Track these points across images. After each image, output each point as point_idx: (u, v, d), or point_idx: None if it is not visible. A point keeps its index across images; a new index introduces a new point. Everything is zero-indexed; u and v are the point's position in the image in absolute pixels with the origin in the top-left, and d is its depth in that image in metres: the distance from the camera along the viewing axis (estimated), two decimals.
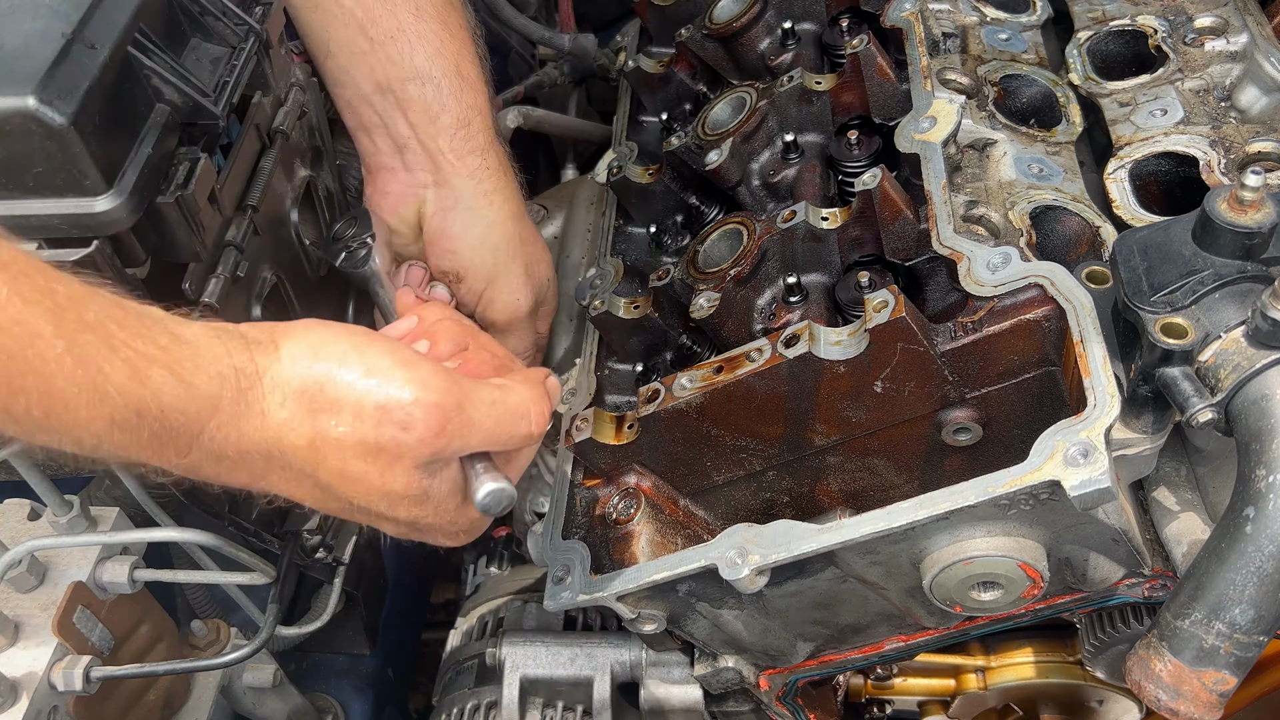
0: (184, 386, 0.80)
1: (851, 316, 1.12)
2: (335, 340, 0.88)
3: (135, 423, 0.78)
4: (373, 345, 0.89)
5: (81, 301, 0.76)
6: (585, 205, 1.73)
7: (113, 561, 1.24)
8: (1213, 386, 0.88)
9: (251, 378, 0.84)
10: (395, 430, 0.86)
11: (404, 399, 0.86)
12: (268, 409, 0.85)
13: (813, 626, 1.21)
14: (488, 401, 0.92)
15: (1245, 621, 0.86)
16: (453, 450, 0.90)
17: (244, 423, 0.84)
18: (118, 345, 0.77)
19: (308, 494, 0.92)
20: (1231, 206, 0.89)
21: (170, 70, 1.04)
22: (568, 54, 2.05)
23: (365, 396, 0.86)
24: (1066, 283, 0.98)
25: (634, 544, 1.15)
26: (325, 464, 0.88)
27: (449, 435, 0.88)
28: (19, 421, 0.75)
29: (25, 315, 0.72)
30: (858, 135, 1.24)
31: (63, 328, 0.74)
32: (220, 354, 0.83)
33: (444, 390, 0.88)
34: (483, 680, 1.50)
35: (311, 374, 0.86)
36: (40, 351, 0.73)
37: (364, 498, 0.91)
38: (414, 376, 0.87)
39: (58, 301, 0.74)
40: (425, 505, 0.93)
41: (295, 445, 0.86)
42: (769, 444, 1.13)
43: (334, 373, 0.86)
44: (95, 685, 1.16)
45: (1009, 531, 1.00)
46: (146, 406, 0.78)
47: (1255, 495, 0.85)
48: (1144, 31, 1.26)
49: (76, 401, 0.75)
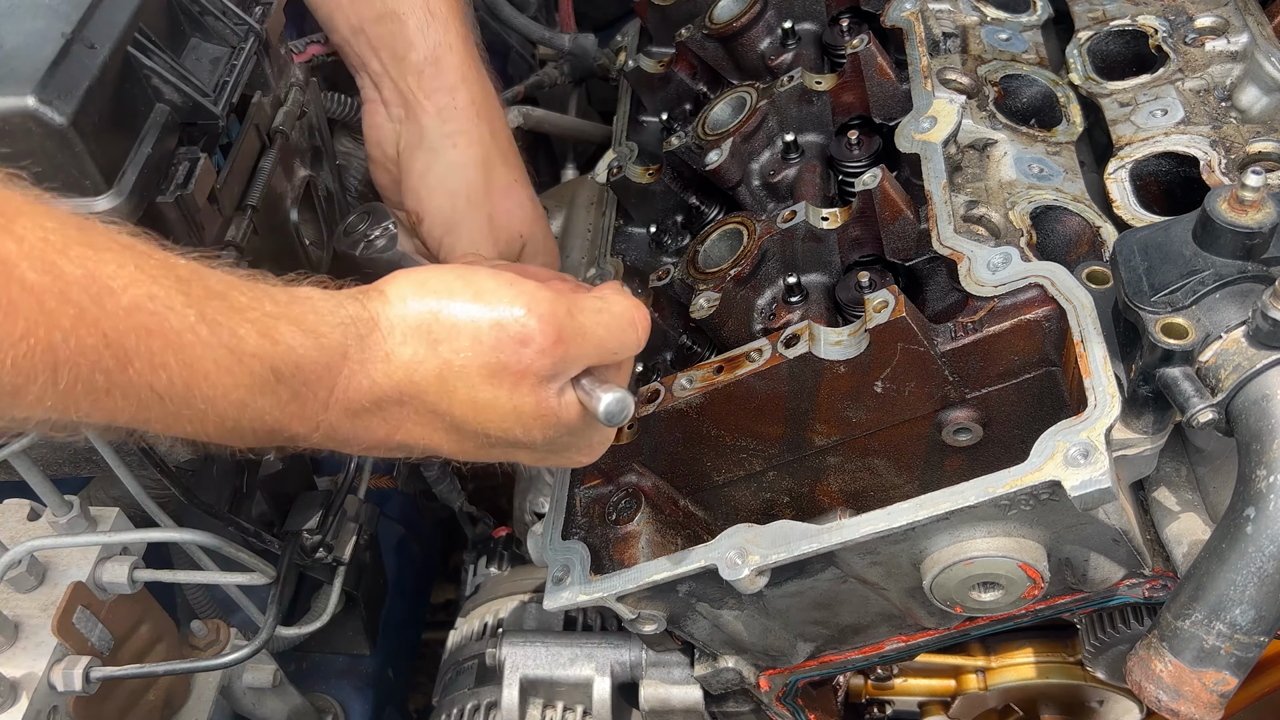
0: (313, 338, 0.81)
1: (851, 316, 1.12)
2: (438, 273, 0.90)
3: (274, 383, 0.79)
4: (476, 271, 0.90)
5: (201, 274, 0.78)
6: (585, 205, 1.73)
7: (112, 562, 1.24)
8: (1213, 387, 0.88)
9: (368, 323, 0.85)
10: (514, 346, 0.87)
11: (518, 314, 0.87)
12: (391, 350, 0.85)
13: (813, 627, 1.21)
14: (594, 310, 0.92)
15: (1246, 622, 0.86)
16: (571, 359, 0.90)
17: (372, 368, 0.85)
18: (244, 308, 0.78)
19: (444, 438, 0.92)
20: (1232, 206, 0.89)
21: (170, 70, 1.04)
22: (568, 54, 2.05)
23: (480, 318, 0.87)
24: (1067, 283, 0.98)
25: (634, 544, 1.15)
26: (456, 396, 0.88)
27: (565, 343, 0.89)
28: (164, 398, 0.75)
29: (156, 291, 0.73)
30: (858, 135, 1.24)
31: (192, 298, 0.75)
32: (335, 306, 0.85)
33: (553, 300, 0.88)
34: (483, 680, 1.50)
35: (424, 307, 0.87)
36: (175, 325, 0.74)
37: (498, 425, 0.91)
38: (522, 292, 0.88)
39: (180, 275, 0.76)
40: (557, 426, 0.93)
41: (424, 381, 0.87)
42: (769, 444, 1.13)
43: (445, 302, 0.87)
44: (95, 685, 1.16)
45: (1009, 532, 0.99)
46: (282, 364, 0.79)
47: (1256, 495, 0.85)
48: (1144, 31, 1.26)
49: (216, 369, 0.76)
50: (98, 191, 0.97)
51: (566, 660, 1.42)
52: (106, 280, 0.71)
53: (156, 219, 1.05)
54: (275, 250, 1.28)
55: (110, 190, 0.97)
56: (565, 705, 1.42)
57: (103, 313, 0.70)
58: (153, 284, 0.73)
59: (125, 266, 0.72)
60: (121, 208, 0.98)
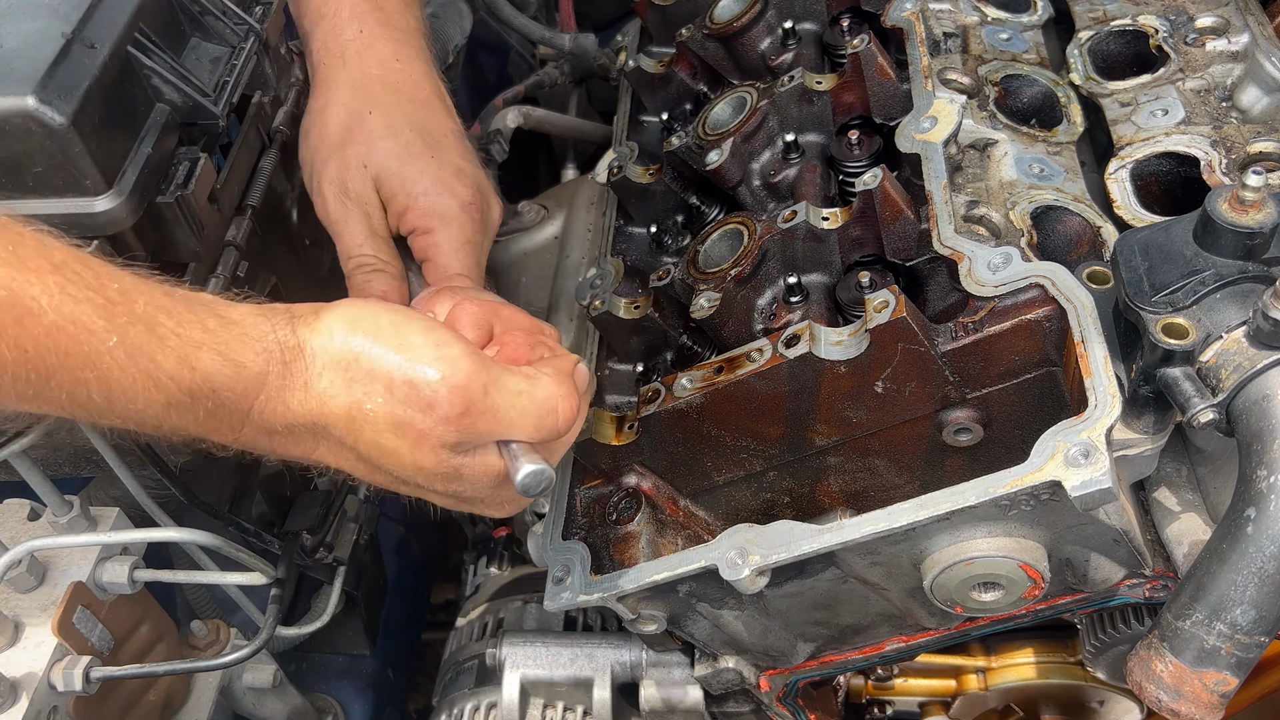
0: (232, 366, 0.84)
1: (852, 317, 1.12)
2: (374, 315, 0.90)
3: (189, 404, 0.83)
4: (410, 322, 0.90)
5: (130, 295, 0.81)
6: (585, 205, 1.73)
7: (113, 561, 1.24)
8: (1214, 387, 0.88)
9: (294, 351, 0.87)
10: (421, 407, 0.87)
11: (431, 378, 0.87)
12: (310, 380, 0.87)
13: (813, 627, 1.21)
14: (514, 390, 0.91)
15: (1246, 622, 0.86)
16: (475, 433, 0.90)
17: (289, 395, 0.87)
18: (166, 334, 0.81)
19: (353, 466, 0.94)
20: (1233, 207, 0.89)
21: (170, 70, 1.04)
22: (568, 54, 2.05)
23: (396, 371, 0.87)
24: (1067, 283, 0.98)
25: (634, 544, 1.15)
26: (362, 436, 0.89)
27: (471, 418, 0.89)
28: (84, 407, 0.81)
29: (77, 314, 0.77)
30: (858, 135, 1.24)
31: (114, 322, 0.79)
32: (266, 330, 0.86)
33: (471, 373, 0.88)
34: (483, 680, 1.50)
35: (349, 346, 0.88)
36: (95, 346, 0.78)
37: (400, 471, 0.92)
38: (444, 355, 0.88)
39: (109, 297, 0.79)
40: (460, 483, 0.94)
41: (335, 416, 0.88)
42: (769, 444, 1.13)
43: (370, 346, 0.88)
44: (95, 685, 1.16)
45: (1010, 532, 0.99)
46: (198, 388, 0.82)
47: (1256, 496, 0.84)
48: (1145, 31, 1.26)
49: (133, 389, 0.80)
50: (98, 191, 0.97)
51: (566, 660, 1.42)
52: (29, 303, 0.75)
53: (156, 219, 1.05)
54: (275, 250, 1.28)
55: (110, 190, 0.97)
56: (565, 705, 1.42)
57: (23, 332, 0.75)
58: (75, 306, 0.77)
59: (50, 289, 0.76)
60: (121, 207, 0.98)
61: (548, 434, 0.94)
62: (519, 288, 1.70)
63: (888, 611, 1.17)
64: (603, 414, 1.19)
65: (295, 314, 0.89)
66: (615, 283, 1.32)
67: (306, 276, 1.37)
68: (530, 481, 0.91)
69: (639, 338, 1.29)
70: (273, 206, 1.27)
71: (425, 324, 0.91)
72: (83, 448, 1.22)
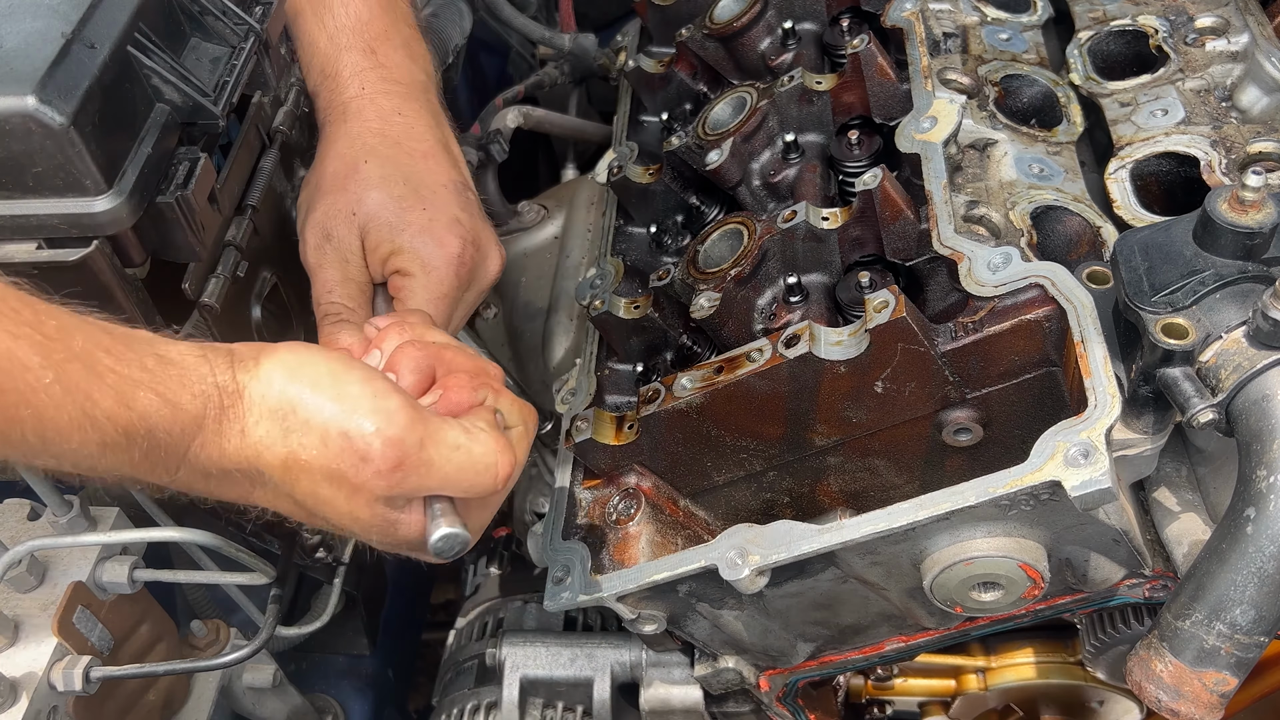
0: (169, 407, 0.82)
1: (852, 317, 1.12)
2: (313, 363, 0.89)
3: (125, 444, 0.81)
4: (349, 371, 0.89)
5: (69, 332, 0.80)
6: (585, 205, 1.73)
7: (112, 561, 1.24)
8: (1213, 387, 0.88)
9: (233, 395, 0.86)
10: (355, 460, 0.87)
11: (365, 430, 0.86)
12: (247, 426, 0.86)
13: (813, 627, 1.21)
14: (451, 445, 0.90)
15: (1246, 622, 0.86)
16: (409, 487, 0.89)
17: (225, 440, 0.86)
18: (104, 372, 0.80)
19: (291, 510, 0.93)
20: (1232, 207, 0.89)
21: (170, 70, 1.04)
22: (568, 54, 2.05)
23: (332, 422, 0.86)
24: (1067, 283, 0.98)
25: (634, 544, 1.15)
26: (298, 485, 0.89)
27: (405, 471, 0.88)
28: (17, 447, 0.79)
29: (14, 349, 0.76)
30: (858, 135, 1.24)
31: (50, 359, 0.78)
32: (205, 373, 0.85)
33: (407, 426, 0.87)
34: (483, 680, 1.50)
35: (286, 394, 0.87)
36: (30, 383, 0.76)
37: (338, 520, 0.92)
38: (380, 408, 0.87)
39: (46, 334, 0.78)
40: (395, 535, 0.93)
41: (271, 464, 0.87)
42: (769, 444, 1.13)
43: (306, 395, 0.87)
44: (95, 685, 1.16)
45: (1010, 532, 0.99)
46: (135, 428, 0.81)
47: (1256, 496, 0.85)
48: (1145, 31, 1.26)
49: (69, 427, 0.79)
50: (98, 191, 0.97)
51: (566, 660, 1.42)
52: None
53: (156, 219, 1.05)
54: (275, 250, 1.28)
55: (110, 190, 0.97)
56: (565, 705, 1.42)
57: None
58: (12, 341, 0.76)
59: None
60: (121, 207, 0.98)
61: (487, 489, 0.93)
62: (519, 288, 1.70)
63: (888, 611, 1.17)
64: (603, 414, 1.19)
65: (236, 357, 0.88)
66: (615, 283, 1.32)
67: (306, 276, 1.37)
68: (444, 545, 0.90)
69: (639, 338, 1.29)
70: (273, 206, 1.27)
71: (364, 374, 0.90)
72: None
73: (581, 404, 1.27)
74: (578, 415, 1.20)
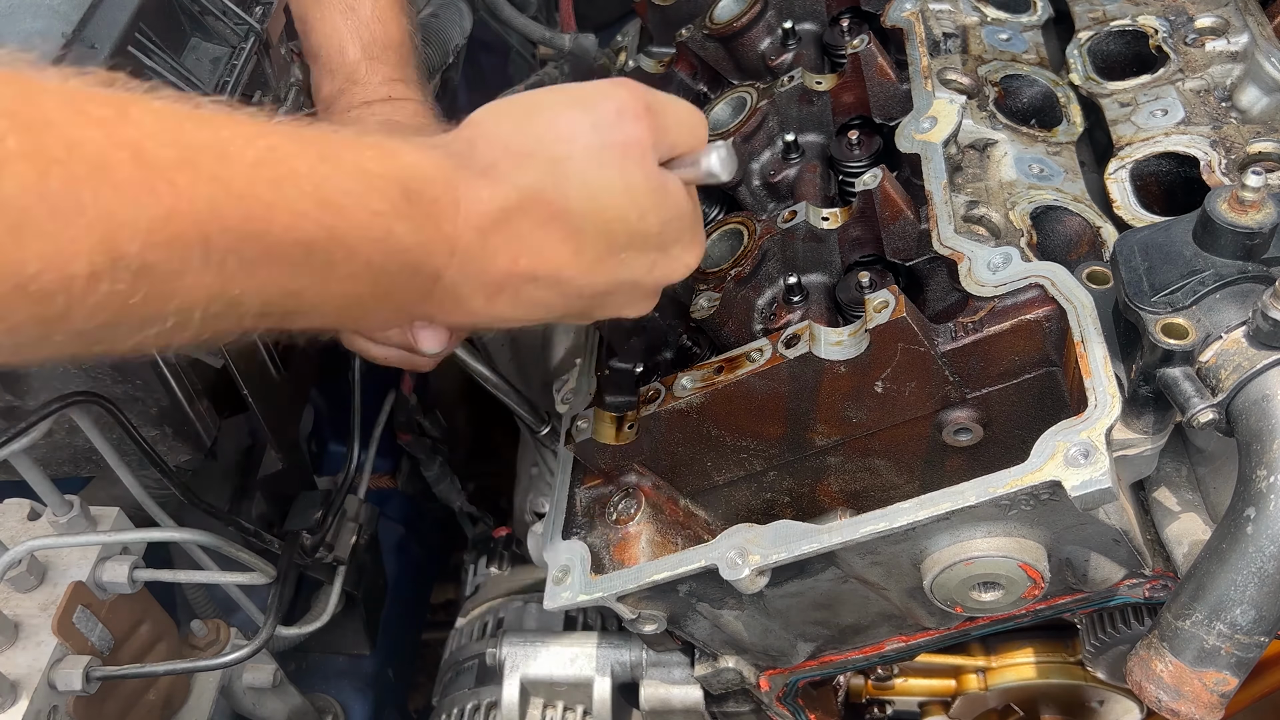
0: (428, 152, 0.84)
1: (852, 317, 1.12)
2: (510, 97, 0.93)
3: (406, 206, 0.80)
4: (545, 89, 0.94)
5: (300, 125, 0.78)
6: None
7: (113, 561, 1.24)
8: (1214, 387, 0.88)
9: (468, 142, 0.88)
10: (611, 119, 0.89)
11: (605, 92, 0.91)
12: (496, 160, 0.87)
13: (813, 627, 1.21)
14: (665, 98, 0.95)
15: (1246, 622, 0.86)
16: (661, 129, 0.92)
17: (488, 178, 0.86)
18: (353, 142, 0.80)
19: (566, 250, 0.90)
20: (1232, 207, 0.89)
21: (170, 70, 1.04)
22: (568, 54, 2.05)
23: (570, 107, 0.90)
24: (1067, 283, 0.98)
25: (634, 544, 1.15)
26: (570, 187, 0.88)
27: (654, 113, 0.91)
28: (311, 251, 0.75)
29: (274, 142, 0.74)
30: (858, 135, 1.24)
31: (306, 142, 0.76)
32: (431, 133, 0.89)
33: (626, 82, 0.93)
34: (483, 680, 1.50)
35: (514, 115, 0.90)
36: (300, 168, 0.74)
37: (616, 210, 0.91)
38: (598, 83, 0.93)
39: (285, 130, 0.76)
40: (668, 203, 0.94)
41: (538, 181, 0.88)
42: (769, 444, 1.13)
43: (533, 104, 0.90)
44: (95, 685, 1.16)
45: (1010, 532, 0.99)
46: (409, 180, 0.80)
47: (1256, 495, 0.85)
48: (1145, 31, 1.26)
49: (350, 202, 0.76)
50: None
51: (566, 660, 1.42)
52: (225, 144, 0.71)
53: None
54: None
55: None
56: (565, 705, 1.42)
57: (233, 173, 0.70)
58: (265, 138, 0.74)
59: (238, 128, 0.73)
60: None
61: (703, 135, 0.98)
62: None
63: (888, 611, 1.17)
64: (603, 414, 1.19)
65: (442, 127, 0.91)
66: None
67: None
68: (725, 153, 0.95)
69: (639, 338, 1.29)
70: None
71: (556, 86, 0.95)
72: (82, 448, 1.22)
73: (581, 404, 1.27)
74: (578, 415, 1.20)
